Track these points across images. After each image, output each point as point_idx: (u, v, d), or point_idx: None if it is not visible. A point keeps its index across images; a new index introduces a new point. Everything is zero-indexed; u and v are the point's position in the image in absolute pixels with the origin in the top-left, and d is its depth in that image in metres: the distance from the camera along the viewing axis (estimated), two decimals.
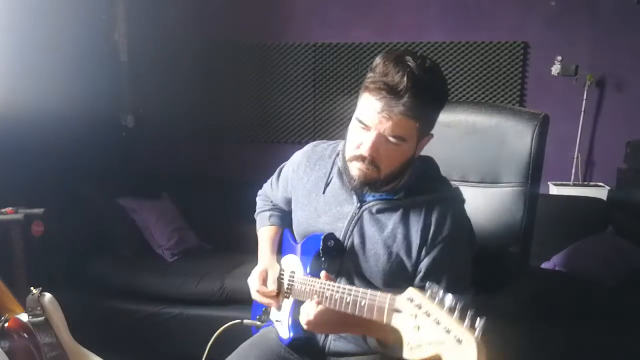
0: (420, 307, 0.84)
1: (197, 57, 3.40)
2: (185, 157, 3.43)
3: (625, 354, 2.12)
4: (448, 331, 0.77)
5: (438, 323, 0.79)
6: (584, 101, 3.06)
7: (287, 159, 1.46)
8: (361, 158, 1.10)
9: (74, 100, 2.65)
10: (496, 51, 3.15)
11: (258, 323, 1.43)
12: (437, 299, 0.82)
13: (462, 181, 1.48)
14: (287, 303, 1.31)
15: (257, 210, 1.55)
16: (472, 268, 1.19)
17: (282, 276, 1.36)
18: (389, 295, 0.92)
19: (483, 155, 1.47)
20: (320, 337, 1.29)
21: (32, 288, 1.53)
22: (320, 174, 1.30)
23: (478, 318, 0.75)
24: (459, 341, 0.75)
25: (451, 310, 0.79)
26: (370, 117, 1.07)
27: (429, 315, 0.82)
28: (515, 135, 1.41)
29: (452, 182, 1.28)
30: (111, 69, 3.18)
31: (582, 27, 3.07)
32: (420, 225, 1.15)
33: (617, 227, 2.77)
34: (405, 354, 0.84)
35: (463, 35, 3.18)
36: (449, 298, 0.80)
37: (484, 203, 1.45)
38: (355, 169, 1.13)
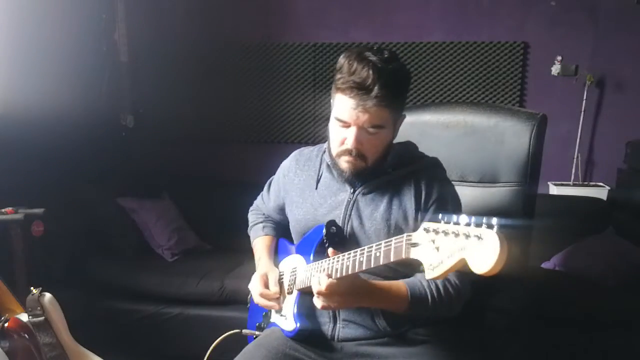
0: (437, 233, 0.88)
1: (197, 57, 3.40)
2: (185, 157, 3.44)
3: (626, 354, 2.12)
4: (467, 236, 0.81)
5: (457, 235, 0.83)
6: (584, 101, 3.06)
7: (286, 158, 1.48)
8: (347, 152, 1.20)
9: (74, 100, 2.65)
10: (496, 51, 3.15)
11: (257, 333, 1.44)
12: (452, 222, 0.86)
13: (461, 181, 1.49)
14: (291, 298, 1.32)
15: (250, 225, 1.61)
16: None
17: (282, 277, 1.38)
18: (404, 235, 0.98)
19: (481, 155, 1.47)
20: (329, 326, 1.30)
21: (32, 288, 1.53)
22: (310, 173, 1.37)
23: (495, 219, 0.80)
24: (480, 238, 0.79)
25: (468, 224, 0.83)
26: (347, 115, 1.16)
27: (447, 234, 0.86)
28: (513, 135, 1.41)
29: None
30: (111, 69, 3.18)
31: (582, 27, 3.07)
32: (412, 193, 1.24)
33: (617, 227, 2.76)
34: (427, 275, 0.88)
35: (463, 35, 3.18)
36: (464, 217, 0.84)
37: (483, 203, 1.45)
38: (344, 162, 1.23)
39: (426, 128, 1.54)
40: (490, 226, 0.80)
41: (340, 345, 1.28)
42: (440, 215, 0.90)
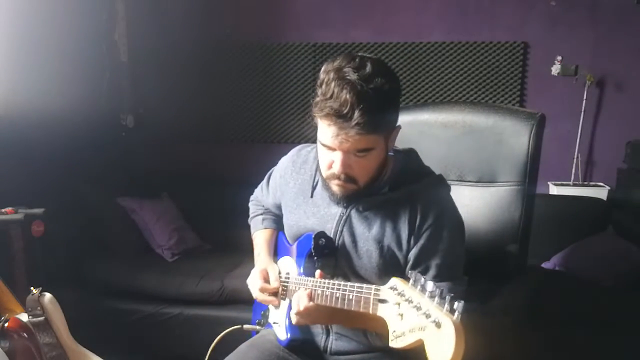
0: (403, 295, 0.85)
1: (197, 57, 3.40)
2: (185, 157, 3.43)
3: (625, 354, 2.12)
4: (428, 316, 0.77)
5: (419, 309, 0.80)
6: (584, 101, 3.05)
7: None
8: (336, 176, 1.12)
9: (74, 100, 2.66)
10: (496, 51, 3.14)
11: (258, 328, 1.43)
12: (419, 286, 0.83)
13: (460, 181, 1.49)
14: (284, 305, 1.31)
15: (251, 216, 1.57)
16: (464, 255, 1.19)
17: (280, 276, 1.36)
18: (373, 287, 0.95)
19: (480, 155, 1.48)
20: (321, 338, 1.29)
21: (32, 288, 1.53)
22: (306, 177, 1.32)
23: (457, 302, 0.75)
24: (438, 325, 0.75)
25: (432, 295, 0.79)
26: (330, 141, 1.07)
27: (410, 302, 0.82)
28: (512, 135, 1.42)
29: (450, 182, 1.28)
30: (111, 69, 3.18)
31: (582, 27, 3.07)
32: (407, 216, 1.15)
33: (617, 227, 2.76)
34: (391, 343, 0.85)
35: (463, 35, 3.18)
36: (430, 284, 0.81)
37: (482, 202, 1.45)
38: (335, 185, 1.16)
39: (424, 128, 1.54)
40: (452, 310, 0.75)
41: (333, 359, 1.28)
42: (410, 273, 0.86)
